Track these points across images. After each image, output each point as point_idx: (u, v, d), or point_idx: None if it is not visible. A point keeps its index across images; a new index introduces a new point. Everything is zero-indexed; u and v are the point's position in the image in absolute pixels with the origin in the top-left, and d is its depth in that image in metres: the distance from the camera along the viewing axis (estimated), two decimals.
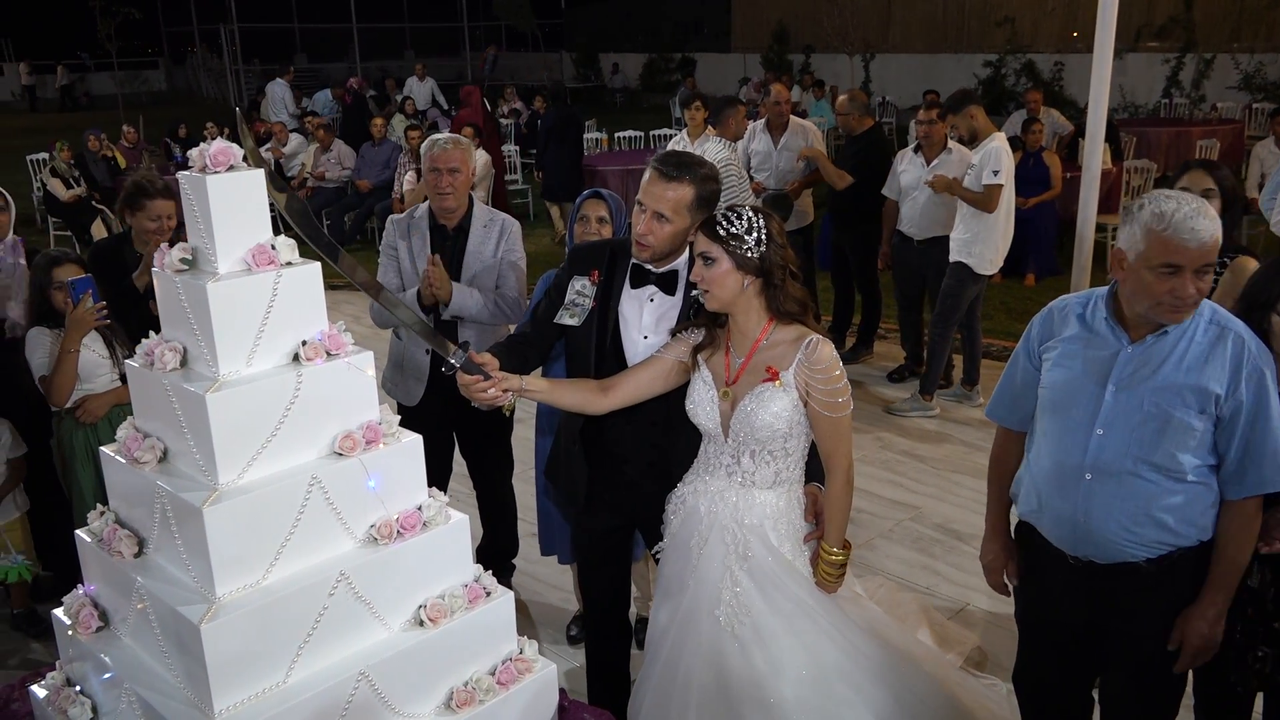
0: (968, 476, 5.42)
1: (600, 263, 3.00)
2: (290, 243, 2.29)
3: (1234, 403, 2.40)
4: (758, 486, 2.75)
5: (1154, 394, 2.44)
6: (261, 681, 2.14)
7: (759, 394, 2.66)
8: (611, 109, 25.08)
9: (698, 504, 2.83)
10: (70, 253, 4.16)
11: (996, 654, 3.83)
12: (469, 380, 2.62)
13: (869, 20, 21.33)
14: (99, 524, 2.40)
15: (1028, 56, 19.81)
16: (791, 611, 2.72)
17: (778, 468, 2.74)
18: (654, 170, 2.82)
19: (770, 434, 2.68)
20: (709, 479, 2.82)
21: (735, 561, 2.73)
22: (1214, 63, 17.62)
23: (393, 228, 4.09)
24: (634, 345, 2.96)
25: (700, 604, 2.77)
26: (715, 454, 2.80)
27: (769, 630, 2.70)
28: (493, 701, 2.44)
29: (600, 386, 2.83)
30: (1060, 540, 2.65)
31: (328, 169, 11.74)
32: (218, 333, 2.16)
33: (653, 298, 2.94)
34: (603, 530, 3.16)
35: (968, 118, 6.08)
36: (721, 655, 2.72)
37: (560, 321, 2.99)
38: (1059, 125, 10.93)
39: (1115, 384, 2.49)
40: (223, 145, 2.20)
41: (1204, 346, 2.42)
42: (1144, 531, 2.50)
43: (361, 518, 2.33)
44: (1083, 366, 2.56)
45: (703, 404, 2.76)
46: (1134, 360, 2.48)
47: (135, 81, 29.54)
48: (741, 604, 2.72)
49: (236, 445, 2.16)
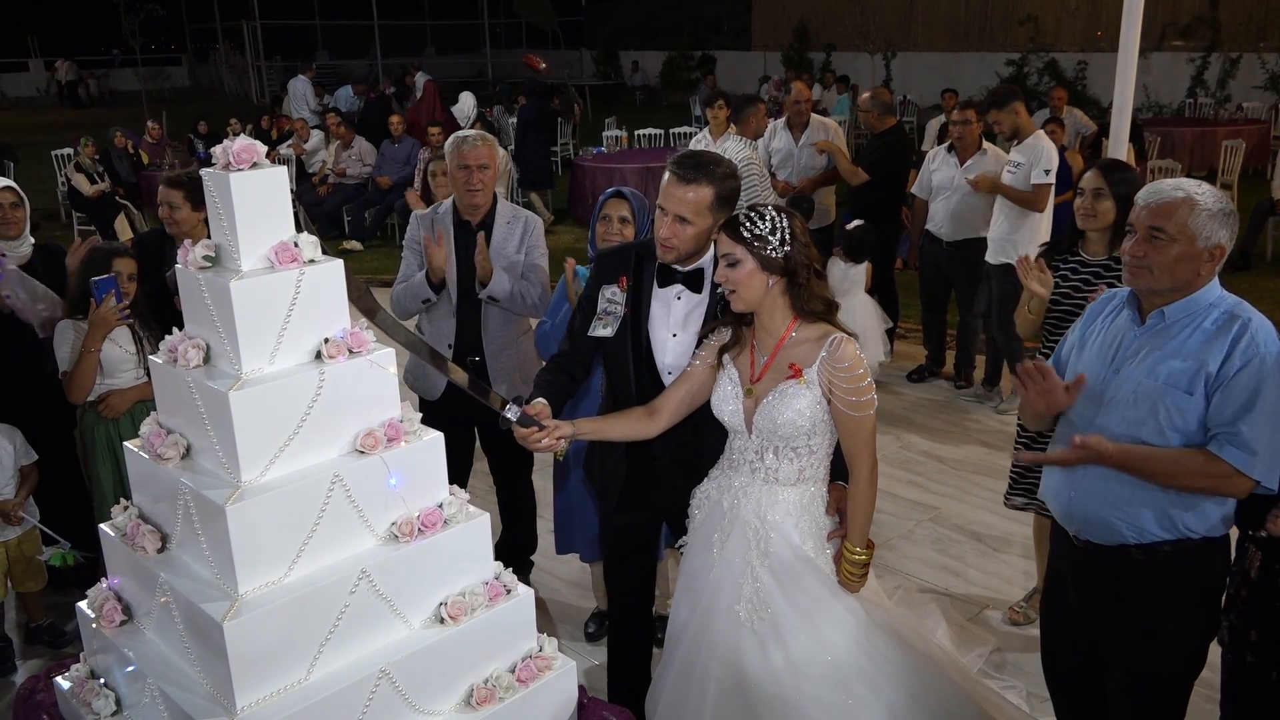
0: (987, 477, 5.38)
1: (627, 268, 3.01)
2: (313, 240, 2.30)
3: (1224, 377, 2.39)
4: (781, 483, 2.75)
5: (1148, 374, 2.48)
6: (283, 679, 2.15)
7: (782, 391, 2.66)
8: (631, 107, 25.06)
9: (721, 499, 2.84)
10: (124, 246, 4.16)
11: (1016, 656, 3.81)
12: (525, 433, 2.71)
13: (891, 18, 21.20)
14: (123, 518, 2.42)
15: (1051, 55, 19.65)
16: (811, 609, 2.72)
17: (801, 465, 2.74)
18: (672, 174, 2.83)
19: (793, 431, 2.68)
20: (733, 475, 2.82)
21: (756, 557, 2.73)
22: (1240, 62, 17.41)
23: (417, 223, 4.11)
24: (663, 344, 2.98)
25: (721, 599, 2.77)
26: (740, 450, 2.81)
27: (788, 627, 2.70)
28: (513, 699, 2.45)
29: (647, 412, 2.87)
30: (1061, 517, 2.71)
31: (349, 165, 11.79)
32: (241, 330, 2.17)
33: (680, 296, 2.96)
34: (633, 525, 3.17)
35: (1012, 114, 5.99)
36: (740, 650, 2.72)
37: (595, 334, 3.00)
38: (1082, 125, 10.84)
39: (1118, 364, 2.55)
40: (246, 143, 2.21)
41: (1209, 333, 2.45)
42: (1128, 511, 2.52)
43: (383, 515, 2.34)
44: (1097, 351, 2.63)
45: (727, 401, 2.77)
46: (1138, 342, 2.54)
47: (158, 78, 29.71)
48: (761, 600, 2.72)
49: (259, 443, 2.17)
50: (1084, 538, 2.64)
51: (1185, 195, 2.44)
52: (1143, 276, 2.49)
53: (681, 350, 2.96)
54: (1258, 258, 9.26)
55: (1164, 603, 2.56)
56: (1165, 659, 2.61)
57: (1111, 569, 2.60)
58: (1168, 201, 2.45)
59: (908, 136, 7.94)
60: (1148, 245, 2.46)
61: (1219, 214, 2.43)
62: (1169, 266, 2.45)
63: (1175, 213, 2.43)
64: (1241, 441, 2.37)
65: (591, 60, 30.27)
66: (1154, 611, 2.57)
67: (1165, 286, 2.48)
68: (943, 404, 6.51)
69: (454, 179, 3.97)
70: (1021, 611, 4.11)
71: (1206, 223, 2.42)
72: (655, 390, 2.94)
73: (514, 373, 4.14)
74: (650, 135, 14.98)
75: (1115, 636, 2.66)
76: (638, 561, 3.26)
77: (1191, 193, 2.44)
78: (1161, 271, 2.46)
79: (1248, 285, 7.95)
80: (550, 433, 2.73)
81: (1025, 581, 4.35)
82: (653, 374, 3.00)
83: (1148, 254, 2.46)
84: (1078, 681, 2.91)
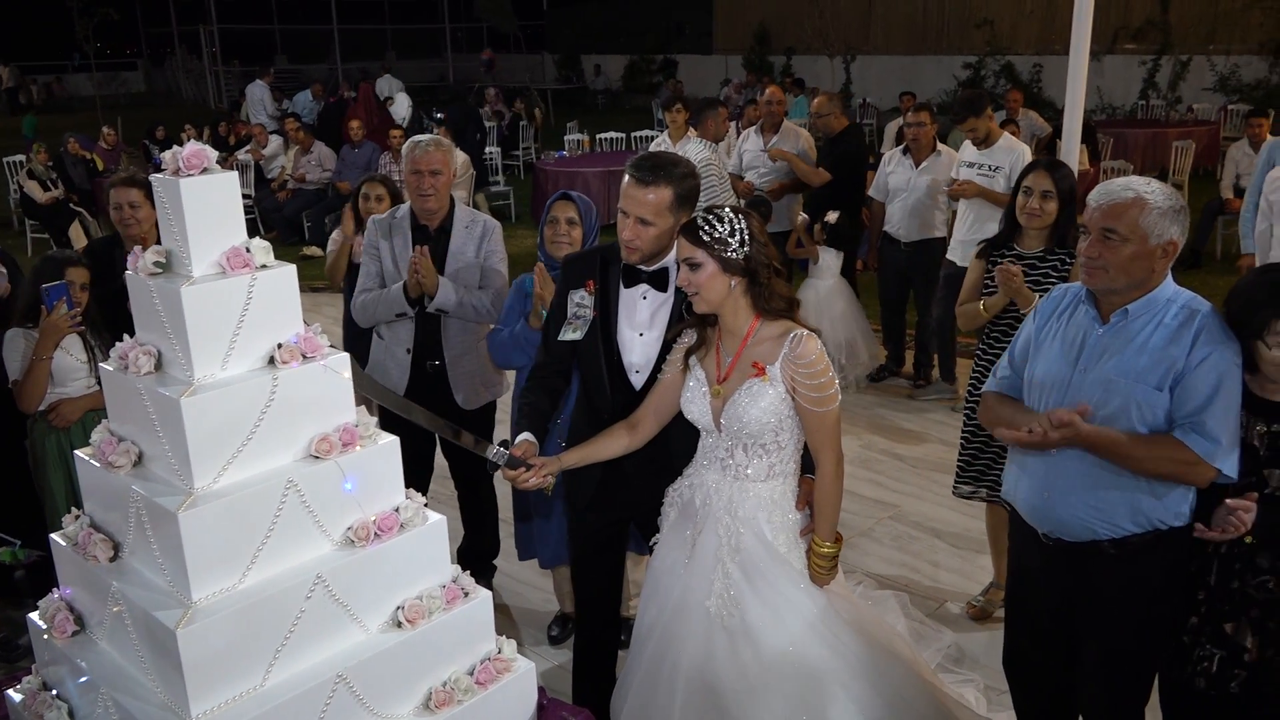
0: (947, 475, 5.41)
1: (593, 271, 3.05)
2: (265, 245, 2.29)
3: (1187, 369, 2.45)
4: (751, 479, 2.78)
5: (1117, 369, 2.52)
6: (239, 685, 2.14)
7: (747, 389, 2.70)
8: (593, 111, 25.06)
9: (694, 497, 2.88)
10: (76, 255, 4.10)
11: (974, 650, 3.86)
12: (513, 476, 2.80)
13: (850, 22, 21.41)
14: (74, 527, 2.39)
15: (1007, 58, 19.92)
16: (780, 605, 2.74)
17: (770, 461, 2.77)
18: (631, 177, 2.87)
19: (760, 428, 2.71)
20: (705, 473, 2.86)
21: (727, 554, 2.76)
22: (1190, 65, 17.76)
23: (374, 228, 4.09)
24: (630, 342, 3.02)
25: (692, 594, 2.80)
26: (711, 449, 2.85)
27: (757, 623, 2.73)
28: (471, 701, 2.45)
29: (627, 428, 2.92)
30: (1031, 517, 2.73)
31: (308, 171, 11.71)
32: (192, 336, 2.16)
33: (645, 295, 2.99)
34: (602, 524, 3.20)
35: (987, 119, 6.09)
36: (710, 645, 2.75)
37: (564, 338, 3.04)
38: (1037, 127, 11.00)
39: (1085, 364, 2.59)
40: (196, 148, 2.20)
41: (1172, 329, 2.50)
42: (1104, 509, 2.57)
43: (338, 520, 2.33)
44: (1059, 349, 2.66)
45: (695, 401, 2.80)
46: (1102, 342, 2.58)
47: (113, 83, 29.28)
48: (731, 596, 2.74)
49: (212, 449, 2.16)
50: (1055, 536, 2.68)
51: (1135, 195, 2.49)
52: (1099, 277, 2.55)
53: (647, 348, 3.00)
54: (1207, 256, 9.44)
55: (1137, 592, 2.62)
56: (1140, 639, 2.68)
57: (1084, 564, 2.65)
58: (1117, 202, 2.50)
59: (863, 138, 7.99)
60: (1102, 246, 2.51)
61: (1169, 211, 2.49)
62: (1123, 266, 2.50)
63: (1126, 213, 2.49)
64: (1205, 431, 2.43)
65: (554, 64, 30.23)
66: (1128, 601, 2.63)
67: (1122, 285, 2.54)
68: (902, 403, 6.59)
69: (408, 184, 3.97)
70: (979, 605, 4.17)
71: (1158, 221, 2.48)
72: (626, 388, 2.98)
73: (474, 377, 4.14)
74: (612, 139, 15.01)
75: (1091, 625, 2.71)
76: (605, 560, 3.27)
77: (1141, 192, 2.50)
78: (1117, 271, 2.51)
79: (1198, 283, 8.07)
80: (538, 471, 2.80)
81: (983, 576, 4.41)
82: (620, 373, 3.03)
83: (1102, 254, 2.51)
84: (1041, 679, 2.96)
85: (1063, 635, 2.82)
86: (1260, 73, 16.83)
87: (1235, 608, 2.61)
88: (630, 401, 2.99)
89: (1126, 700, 2.78)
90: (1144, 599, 2.63)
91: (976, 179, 6.00)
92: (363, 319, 4.02)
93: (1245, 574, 2.59)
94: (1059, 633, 2.82)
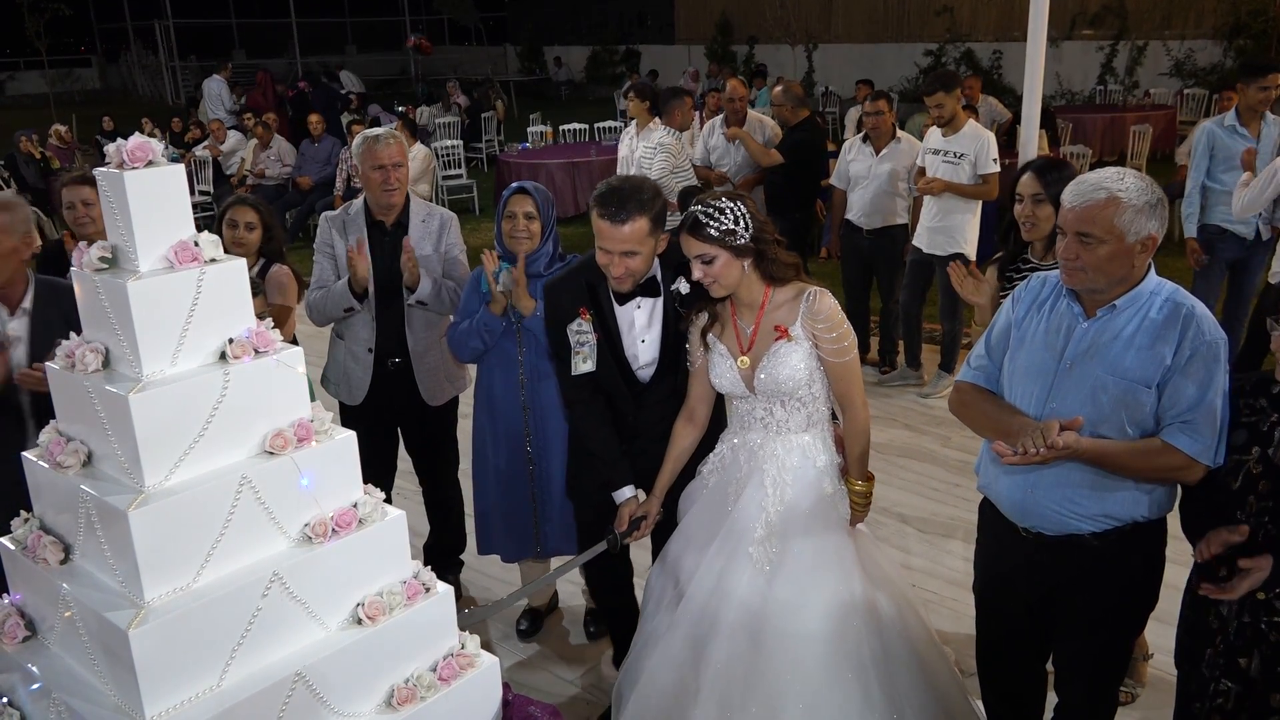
0: (913, 460, 5.48)
1: (582, 298, 3.13)
2: (214, 239, 2.25)
3: (1176, 366, 2.43)
4: (794, 431, 2.98)
5: (1106, 368, 2.48)
6: (194, 686, 2.10)
7: (775, 352, 2.89)
8: (556, 102, 24.96)
9: (737, 457, 3.04)
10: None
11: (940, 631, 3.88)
12: (639, 536, 3.16)
13: (811, 11, 21.45)
14: (23, 531, 2.33)
15: (967, 45, 20.04)
16: (818, 549, 2.91)
17: (808, 412, 2.98)
18: (603, 218, 2.94)
19: (794, 385, 2.90)
20: (747, 434, 3.03)
21: (772, 503, 2.93)
22: (1146, 50, 17.95)
23: (327, 224, 4.02)
24: (634, 348, 3.18)
25: (736, 542, 2.94)
26: (748, 412, 3.03)
27: (796, 567, 2.88)
28: (435, 698, 2.42)
29: (686, 420, 3.15)
30: (1011, 511, 2.72)
31: (268, 166, 11.56)
32: (140, 332, 2.11)
33: (639, 305, 3.13)
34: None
35: (955, 98, 6.08)
36: (750, 588, 2.89)
37: (580, 372, 3.15)
38: (997, 113, 11.05)
39: (1070, 359, 2.54)
40: (140, 140, 2.15)
41: (1157, 324, 2.46)
42: (1089, 504, 2.56)
43: (295, 517, 2.29)
44: (1042, 340, 2.62)
45: (724, 374, 2.99)
46: (1089, 335, 2.53)
47: (67, 80, 28.72)
48: (773, 542, 2.90)
49: (162, 446, 2.11)
50: (1036, 530, 2.66)
51: (1109, 195, 2.41)
52: (1078, 277, 2.50)
53: (651, 347, 3.17)
54: (1166, 239, 9.53)
55: (1116, 581, 2.63)
56: (1119, 626, 2.73)
57: (1065, 557, 2.64)
58: (1090, 204, 2.43)
59: (821, 128, 7.98)
60: (1079, 247, 2.45)
61: (1144, 207, 2.42)
62: (1101, 266, 2.45)
63: (1100, 215, 2.41)
64: (1195, 430, 2.42)
65: (515, 56, 30.07)
66: (1110, 589, 2.64)
67: (1102, 285, 2.49)
68: (868, 389, 6.57)
69: (368, 180, 3.89)
70: None
71: (1133, 219, 2.41)
72: (636, 383, 3.20)
73: (437, 372, 4.09)
74: (575, 130, 14.96)
75: (1071, 620, 2.73)
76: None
77: (1114, 190, 2.41)
78: (1096, 271, 2.46)
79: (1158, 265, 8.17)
80: (650, 519, 3.14)
81: (949, 560, 4.44)
82: (631, 374, 3.20)
83: (1079, 255, 2.46)
84: (1015, 674, 2.98)
85: (1038, 630, 2.83)
86: (1215, 57, 17.02)
87: (1249, 642, 2.52)
88: (642, 393, 3.20)
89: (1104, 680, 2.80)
90: (1125, 587, 2.64)
91: (942, 166, 6.02)
92: (315, 317, 3.97)
93: (1258, 609, 2.47)
94: (1035, 628, 2.83)
